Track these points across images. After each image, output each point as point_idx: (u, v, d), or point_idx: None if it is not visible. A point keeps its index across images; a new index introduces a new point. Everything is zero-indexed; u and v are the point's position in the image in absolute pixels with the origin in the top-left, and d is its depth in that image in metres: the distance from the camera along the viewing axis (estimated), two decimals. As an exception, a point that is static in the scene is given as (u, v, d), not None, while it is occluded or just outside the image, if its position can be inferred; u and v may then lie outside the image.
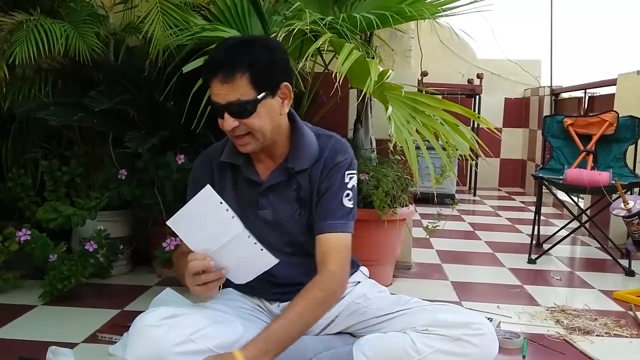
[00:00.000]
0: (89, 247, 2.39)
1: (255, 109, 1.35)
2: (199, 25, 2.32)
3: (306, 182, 1.47)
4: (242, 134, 1.37)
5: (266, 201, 1.48)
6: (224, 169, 1.51)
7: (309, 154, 1.46)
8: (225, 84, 1.32)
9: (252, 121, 1.36)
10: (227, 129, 1.36)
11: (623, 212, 2.79)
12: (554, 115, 3.61)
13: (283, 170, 1.47)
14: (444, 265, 3.15)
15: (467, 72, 6.38)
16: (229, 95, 1.33)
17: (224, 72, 1.32)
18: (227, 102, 1.33)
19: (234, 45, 1.36)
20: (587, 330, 2.17)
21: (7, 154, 2.82)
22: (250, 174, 1.49)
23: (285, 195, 1.48)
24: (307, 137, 1.48)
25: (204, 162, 1.55)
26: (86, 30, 2.43)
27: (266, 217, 1.49)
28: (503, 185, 6.72)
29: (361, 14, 2.27)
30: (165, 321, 1.27)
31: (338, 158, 1.46)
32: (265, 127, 1.38)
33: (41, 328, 2.07)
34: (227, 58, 1.33)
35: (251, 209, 1.49)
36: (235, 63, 1.32)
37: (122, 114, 2.55)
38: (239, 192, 1.51)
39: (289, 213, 1.48)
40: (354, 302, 1.53)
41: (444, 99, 2.23)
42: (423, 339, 1.33)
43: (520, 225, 4.43)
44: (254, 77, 1.33)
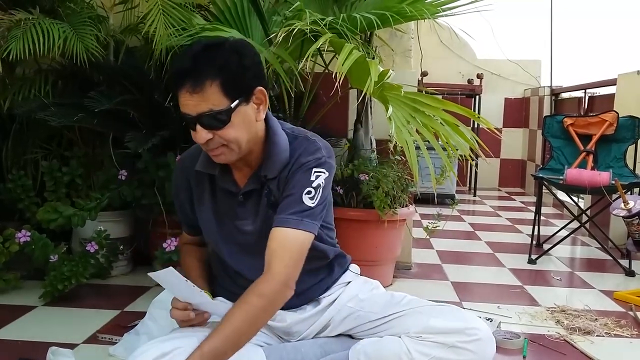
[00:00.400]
0: (90, 248, 2.39)
1: (229, 119, 1.26)
2: (199, 25, 2.32)
3: (275, 185, 1.40)
4: (215, 146, 1.29)
5: (244, 211, 1.42)
6: (201, 178, 1.44)
7: (280, 160, 1.37)
8: (195, 94, 1.22)
9: (226, 132, 1.27)
10: (201, 142, 1.27)
11: (623, 212, 2.79)
12: (554, 115, 3.61)
13: (256, 178, 1.40)
14: (444, 265, 3.14)
15: (467, 72, 6.38)
16: (199, 106, 1.23)
17: (192, 81, 1.22)
18: (198, 113, 1.24)
19: (200, 50, 1.26)
20: (588, 330, 2.17)
21: (7, 155, 2.81)
22: (227, 184, 1.42)
23: (260, 202, 1.41)
24: (280, 143, 1.38)
25: (179, 177, 1.51)
26: (85, 32, 2.42)
27: (245, 227, 1.42)
28: (503, 185, 6.72)
29: (361, 14, 2.27)
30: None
31: (305, 158, 1.37)
32: (241, 137, 1.30)
33: (41, 329, 2.06)
34: (194, 65, 1.23)
35: (230, 220, 1.44)
36: (204, 70, 1.22)
37: (122, 115, 2.55)
38: (217, 202, 1.45)
39: (267, 220, 1.39)
40: (346, 306, 1.50)
41: (444, 99, 2.23)
42: (418, 347, 1.32)
43: (520, 225, 4.43)
44: (225, 84, 1.24)
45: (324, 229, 1.48)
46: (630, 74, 3.71)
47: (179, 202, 1.54)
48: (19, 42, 2.23)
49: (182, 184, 1.49)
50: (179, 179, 1.51)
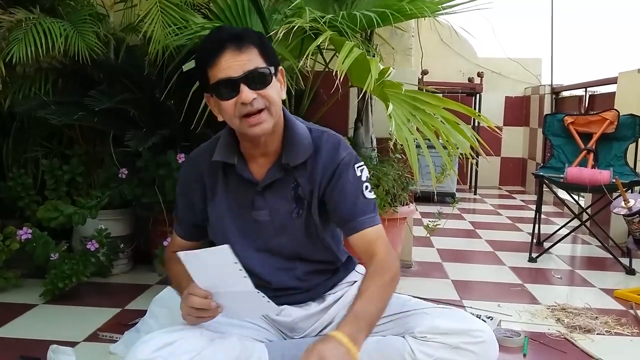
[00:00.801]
0: (91, 246, 2.39)
1: (271, 79, 1.30)
2: (199, 24, 2.32)
3: (305, 179, 1.40)
4: (260, 107, 1.28)
5: (262, 201, 1.42)
6: (215, 170, 1.44)
7: (303, 148, 1.39)
8: (240, 54, 1.26)
9: (269, 92, 1.29)
10: (247, 100, 1.26)
11: (624, 210, 2.79)
12: (554, 114, 3.61)
13: (278, 167, 1.39)
14: (445, 264, 3.14)
15: (468, 71, 6.37)
16: (245, 65, 1.26)
17: (236, 42, 1.27)
18: (244, 72, 1.26)
19: (235, 27, 1.42)
20: (588, 328, 2.17)
21: (7, 153, 2.82)
22: (246, 174, 1.41)
23: (283, 193, 1.41)
24: (299, 131, 1.40)
25: (190, 171, 1.48)
26: (86, 30, 2.43)
27: (262, 217, 1.42)
28: (503, 183, 6.72)
29: (361, 12, 2.27)
30: (159, 353, 1.21)
31: (341, 154, 1.40)
32: (278, 102, 1.33)
33: (42, 327, 2.07)
34: (235, 32, 1.29)
35: (245, 210, 1.43)
36: (245, 35, 1.29)
37: (123, 113, 2.55)
38: (230, 193, 1.44)
39: (287, 212, 1.41)
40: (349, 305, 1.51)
41: (444, 97, 2.23)
42: (421, 347, 1.32)
43: (520, 223, 4.43)
44: (262, 51, 1.30)
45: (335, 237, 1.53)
46: (630, 72, 3.71)
47: (187, 200, 1.49)
48: (21, 44, 2.24)
49: (193, 179, 1.47)
50: (189, 175, 1.48)
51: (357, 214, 1.37)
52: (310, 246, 1.46)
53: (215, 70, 1.28)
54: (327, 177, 1.39)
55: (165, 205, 2.50)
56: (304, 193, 1.41)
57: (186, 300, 1.26)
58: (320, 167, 1.40)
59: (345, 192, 1.38)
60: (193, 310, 1.26)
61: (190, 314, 1.27)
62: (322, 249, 1.49)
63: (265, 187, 1.41)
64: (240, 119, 1.30)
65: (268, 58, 1.31)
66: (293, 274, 1.47)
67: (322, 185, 1.40)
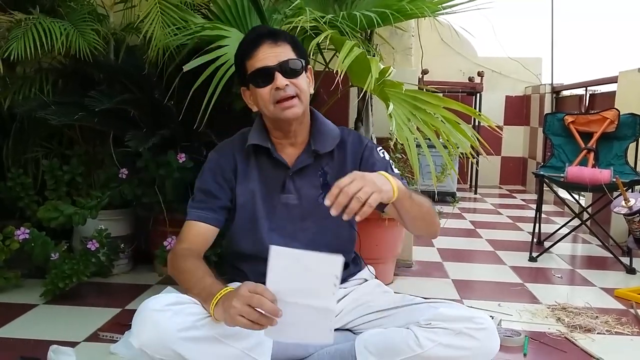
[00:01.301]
0: (91, 246, 2.39)
1: (303, 70, 1.46)
2: (199, 24, 2.32)
3: (332, 168, 1.53)
4: (292, 93, 1.43)
5: (292, 185, 1.53)
6: (248, 155, 1.55)
7: (332, 136, 1.54)
8: (276, 46, 1.43)
9: (300, 81, 1.45)
10: (281, 85, 1.41)
11: (624, 209, 2.79)
12: (555, 113, 3.61)
13: (308, 153, 1.52)
14: (445, 263, 3.15)
15: (468, 70, 6.37)
16: (280, 55, 1.43)
17: (272, 38, 1.44)
18: (279, 61, 1.42)
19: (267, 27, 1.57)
20: (589, 328, 2.17)
21: (7, 153, 2.81)
22: (279, 157, 1.53)
23: (311, 179, 1.53)
24: (326, 122, 1.57)
25: (224, 154, 1.57)
26: (86, 29, 2.43)
27: (291, 201, 1.53)
28: (504, 183, 6.72)
29: (361, 11, 2.27)
30: (170, 307, 1.25)
31: (364, 141, 1.57)
32: (308, 92, 1.48)
33: (42, 327, 2.07)
34: (271, 29, 1.49)
35: (275, 193, 1.53)
36: (280, 33, 1.48)
37: (123, 113, 2.55)
38: (262, 176, 1.54)
39: (314, 198, 1.51)
40: (358, 298, 1.54)
41: (444, 97, 2.22)
42: (426, 334, 1.33)
43: (521, 223, 4.43)
44: (295, 47, 1.47)
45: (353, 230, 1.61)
46: (631, 72, 3.71)
47: (219, 179, 1.53)
48: (20, 42, 2.23)
49: (224, 164, 1.54)
50: (221, 160, 1.55)
51: None
52: (331, 233, 1.52)
53: (253, 60, 1.44)
54: (357, 161, 1.54)
55: (166, 205, 2.50)
56: (332, 180, 1.47)
57: (252, 300, 1.15)
58: (350, 154, 1.55)
59: (375, 168, 1.48)
60: (254, 313, 1.15)
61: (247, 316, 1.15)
62: (342, 237, 1.57)
63: (295, 172, 1.53)
64: (274, 104, 1.44)
65: (299, 53, 1.48)
66: None
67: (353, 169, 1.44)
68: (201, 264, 1.41)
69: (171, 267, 1.46)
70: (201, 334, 1.26)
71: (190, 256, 1.43)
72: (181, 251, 1.45)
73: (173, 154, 2.44)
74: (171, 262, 1.47)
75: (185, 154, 2.44)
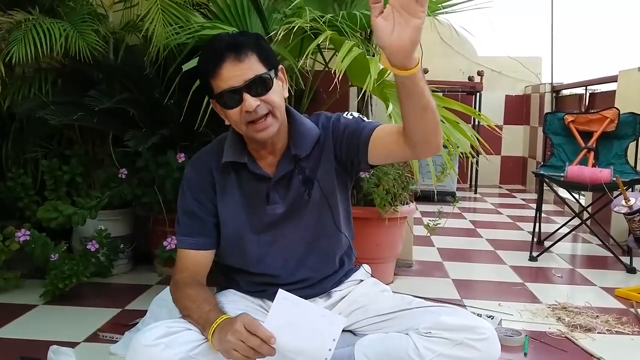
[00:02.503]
0: (91, 247, 2.39)
1: (272, 83, 1.33)
2: (199, 24, 2.32)
3: (308, 164, 1.45)
4: (264, 113, 1.32)
5: (276, 195, 1.45)
6: (226, 171, 1.46)
7: (312, 137, 1.44)
8: (239, 62, 1.30)
9: (271, 97, 1.33)
10: (250, 109, 1.30)
11: (624, 209, 2.79)
12: (554, 112, 3.61)
13: (288, 158, 1.43)
14: (445, 263, 3.14)
15: (468, 70, 6.37)
16: (245, 73, 1.30)
17: (235, 51, 1.30)
18: (245, 80, 1.30)
19: (230, 34, 1.38)
20: (589, 327, 2.17)
21: (7, 154, 2.81)
22: (258, 170, 1.44)
23: (294, 182, 1.45)
24: (305, 122, 1.46)
25: (200, 170, 1.48)
26: (85, 29, 2.42)
27: (277, 211, 1.45)
28: (504, 182, 6.71)
29: (361, 11, 2.26)
30: (161, 340, 1.23)
31: (330, 118, 1.47)
32: (282, 104, 1.37)
33: (42, 327, 2.07)
34: (233, 41, 1.32)
35: (260, 205, 1.45)
36: (243, 43, 1.32)
37: (122, 113, 2.55)
38: (244, 190, 1.46)
39: (299, 198, 1.45)
40: (356, 301, 1.52)
41: (444, 97, 2.22)
42: (425, 343, 1.31)
43: (521, 222, 4.42)
44: (261, 56, 1.33)
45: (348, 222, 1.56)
46: (631, 71, 3.70)
47: (196, 205, 1.45)
48: (21, 44, 2.24)
49: (202, 181, 1.46)
50: (197, 177, 1.47)
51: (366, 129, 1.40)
52: (321, 231, 1.48)
53: (218, 80, 1.32)
54: (331, 142, 1.44)
55: (165, 205, 2.50)
56: (311, 173, 1.45)
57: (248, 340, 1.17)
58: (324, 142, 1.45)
59: (347, 131, 1.42)
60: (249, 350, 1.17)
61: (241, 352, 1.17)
62: (332, 242, 1.51)
63: (277, 181, 1.44)
64: (246, 125, 1.34)
65: (267, 62, 1.34)
66: (303, 264, 1.48)
67: (329, 153, 1.44)
68: (200, 290, 1.37)
69: (173, 297, 1.43)
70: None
71: (189, 284, 1.40)
72: (181, 280, 1.43)
73: (173, 154, 2.44)
74: (172, 293, 1.44)
75: (185, 153, 2.44)
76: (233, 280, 1.53)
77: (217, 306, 1.33)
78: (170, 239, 2.33)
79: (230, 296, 1.51)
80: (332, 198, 1.47)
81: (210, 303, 1.33)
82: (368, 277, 1.61)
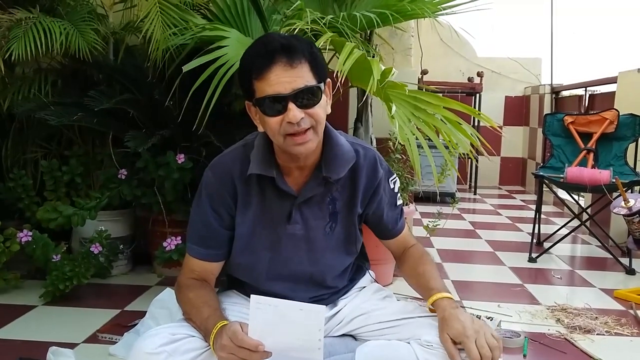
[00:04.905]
0: (94, 249, 2.39)
1: (320, 97, 1.23)
2: (199, 25, 2.32)
3: (342, 194, 1.39)
4: (306, 127, 1.22)
5: (299, 215, 1.37)
6: (250, 182, 1.36)
7: (345, 160, 1.35)
8: (291, 69, 1.19)
9: (317, 111, 1.22)
10: (295, 120, 1.20)
11: (624, 210, 2.79)
12: (554, 114, 3.61)
13: (318, 180, 1.35)
14: (445, 264, 3.14)
15: (468, 71, 6.37)
16: (295, 81, 1.19)
17: (288, 55, 1.19)
18: (294, 89, 1.19)
19: (284, 35, 1.26)
20: (588, 329, 2.17)
21: (7, 154, 2.81)
22: (285, 187, 1.35)
23: (319, 208, 1.38)
24: (342, 143, 1.36)
25: (221, 178, 1.37)
26: (85, 28, 2.42)
27: (296, 231, 1.38)
28: (503, 183, 6.72)
29: (361, 12, 2.26)
30: (164, 347, 1.20)
31: (379, 171, 1.42)
32: (324, 120, 1.27)
33: (41, 328, 2.06)
34: (288, 43, 1.20)
35: (280, 223, 1.38)
36: (297, 48, 1.21)
37: (122, 114, 2.54)
38: (267, 205, 1.37)
39: (320, 227, 1.39)
40: (359, 307, 1.49)
41: (444, 97, 2.22)
42: (427, 355, 1.30)
43: (520, 223, 4.42)
44: (313, 65, 1.22)
45: None
46: (630, 72, 3.71)
47: (213, 216, 1.37)
48: (20, 42, 2.23)
49: (223, 190, 1.36)
50: (218, 186, 1.36)
51: (393, 223, 1.51)
52: (335, 263, 1.45)
53: (263, 83, 1.21)
54: (369, 195, 1.43)
55: (165, 205, 2.49)
56: (340, 207, 1.40)
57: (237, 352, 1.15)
58: (363, 183, 1.40)
59: (382, 205, 1.46)
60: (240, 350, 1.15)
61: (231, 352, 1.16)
62: (346, 265, 1.49)
63: (302, 202, 1.37)
64: (284, 136, 1.24)
65: (319, 73, 1.24)
66: (312, 293, 1.45)
67: (363, 202, 1.43)
68: (201, 292, 1.34)
69: (176, 297, 1.41)
70: None
71: (191, 287, 1.37)
72: (184, 282, 1.40)
73: (172, 155, 2.44)
74: (175, 293, 1.42)
75: (185, 154, 2.43)
76: (237, 282, 1.49)
77: (216, 311, 1.30)
78: (170, 240, 2.33)
79: (233, 298, 1.49)
80: (353, 227, 1.44)
81: (210, 307, 1.29)
82: (371, 284, 1.60)
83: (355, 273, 1.57)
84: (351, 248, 1.47)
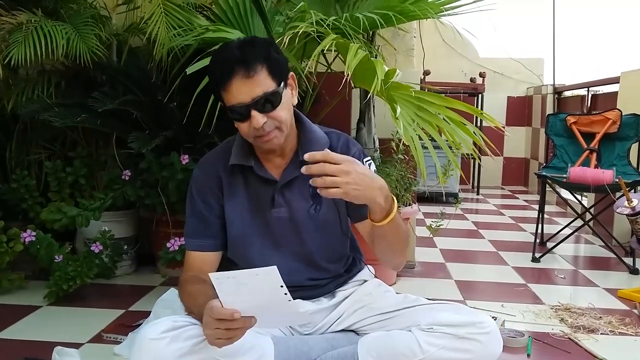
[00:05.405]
0: (95, 249, 2.39)
1: (280, 100, 1.34)
2: (202, 26, 2.32)
3: None
4: (271, 129, 1.35)
5: (282, 199, 1.46)
6: (234, 172, 1.48)
7: (319, 144, 1.44)
8: (249, 79, 1.29)
9: (279, 113, 1.34)
10: (258, 126, 1.32)
11: (627, 210, 2.79)
12: (557, 114, 3.61)
13: (296, 164, 1.43)
14: (448, 264, 3.14)
15: (470, 71, 6.36)
16: (253, 91, 1.30)
17: (245, 67, 1.29)
18: (253, 98, 1.30)
19: (240, 45, 1.34)
20: (592, 328, 2.17)
21: (11, 155, 2.82)
22: (265, 174, 1.46)
23: (300, 190, 1.45)
24: (314, 129, 1.48)
25: (207, 172, 1.49)
26: (87, 32, 2.42)
27: (282, 214, 1.46)
28: (506, 183, 6.71)
29: (364, 13, 2.27)
30: (166, 334, 1.24)
31: (352, 150, 1.48)
32: (289, 117, 1.38)
33: (46, 328, 2.07)
34: (243, 54, 1.30)
35: (266, 208, 1.47)
36: (253, 57, 1.30)
37: (126, 115, 2.55)
38: (250, 192, 1.48)
39: (303, 209, 1.45)
40: (359, 300, 1.53)
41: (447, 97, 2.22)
42: (428, 338, 1.33)
43: (523, 223, 4.42)
44: (270, 69, 1.32)
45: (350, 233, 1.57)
46: (633, 72, 3.71)
47: (204, 206, 1.47)
48: (21, 46, 2.23)
49: (209, 182, 1.48)
50: (205, 178, 1.48)
51: None
52: (326, 244, 1.49)
53: (227, 94, 1.32)
54: None
55: (169, 206, 2.50)
56: None
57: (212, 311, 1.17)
58: None
59: None
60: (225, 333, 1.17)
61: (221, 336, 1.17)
62: (337, 246, 1.53)
63: (284, 186, 1.46)
64: (254, 138, 1.37)
65: (277, 74, 1.33)
66: (308, 275, 1.49)
67: None
68: (199, 285, 1.37)
69: (180, 296, 1.45)
70: (200, 357, 1.25)
71: (190, 281, 1.41)
72: (186, 278, 1.45)
73: (176, 155, 2.45)
74: (179, 292, 1.46)
75: (189, 155, 2.44)
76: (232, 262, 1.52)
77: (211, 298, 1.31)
78: (173, 241, 2.33)
79: None
80: (340, 205, 1.48)
81: (207, 296, 1.30)
82: (372, 278, 1.63)
83: (352, 265, 1.60)
84: (338, 228, 1.50)
